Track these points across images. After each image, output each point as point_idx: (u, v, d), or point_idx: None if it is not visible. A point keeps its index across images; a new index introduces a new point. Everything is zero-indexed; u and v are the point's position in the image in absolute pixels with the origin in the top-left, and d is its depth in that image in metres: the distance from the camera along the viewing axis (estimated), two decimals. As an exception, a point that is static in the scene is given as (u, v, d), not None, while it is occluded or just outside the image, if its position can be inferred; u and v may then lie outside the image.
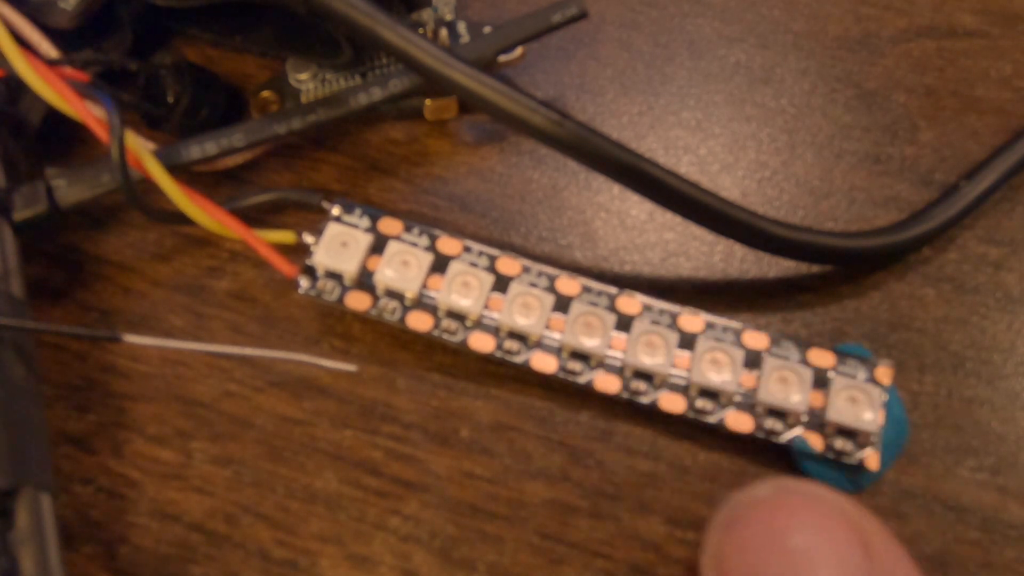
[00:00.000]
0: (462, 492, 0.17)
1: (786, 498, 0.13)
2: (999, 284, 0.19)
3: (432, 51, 0.17)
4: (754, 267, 0.19)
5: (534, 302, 0.17)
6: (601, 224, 0.20)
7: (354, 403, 0.18)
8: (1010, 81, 0.21)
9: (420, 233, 0.18)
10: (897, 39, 0.22)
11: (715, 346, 0.17)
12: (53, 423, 0.17)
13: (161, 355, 0.18)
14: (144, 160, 0.17)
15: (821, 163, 0.21)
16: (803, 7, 0.23)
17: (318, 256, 0.18)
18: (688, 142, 0.21)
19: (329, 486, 0.17)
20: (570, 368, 0.17)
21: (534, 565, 0.16)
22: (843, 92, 0.21)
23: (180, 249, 0.19)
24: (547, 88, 0.21)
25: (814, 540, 0.13)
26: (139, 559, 0.16)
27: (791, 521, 0.13)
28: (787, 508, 0.13)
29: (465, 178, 0.20)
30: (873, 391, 0.16)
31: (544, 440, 0.17)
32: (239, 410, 0.18)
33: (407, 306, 0.18)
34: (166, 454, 0.17)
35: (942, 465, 0.17)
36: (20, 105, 0.19)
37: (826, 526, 0.13)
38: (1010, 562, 0.16)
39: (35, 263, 0.19)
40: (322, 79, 0.20)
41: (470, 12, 0.22)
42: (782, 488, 0.14)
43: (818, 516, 0.13)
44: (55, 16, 0.19)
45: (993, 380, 0.18)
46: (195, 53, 0.22)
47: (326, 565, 0.16)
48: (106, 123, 0.17)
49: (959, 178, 0.20)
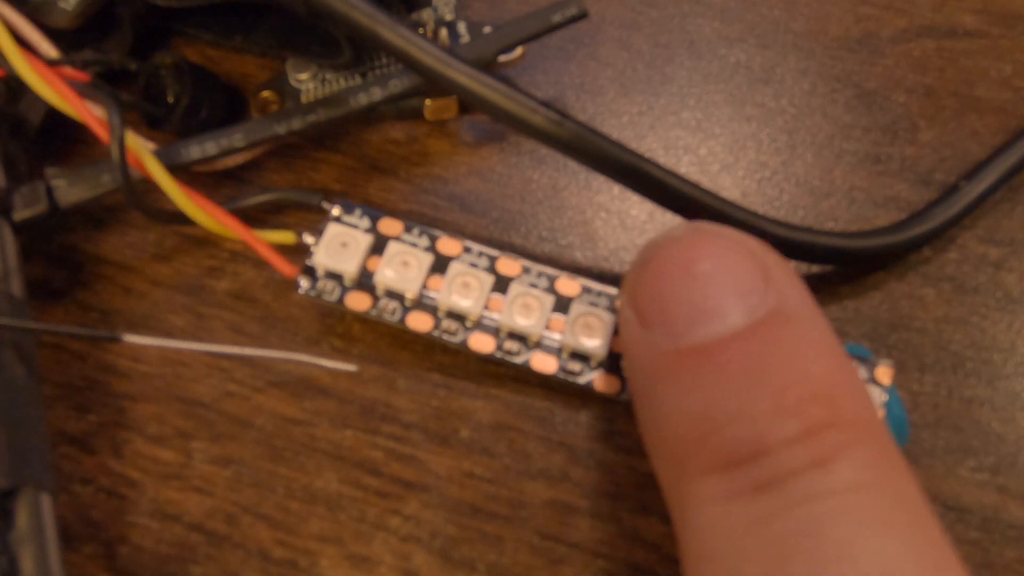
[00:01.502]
0: (462, 492, 0.17)
1: (696, 236, 0.14)
2: (999, 284, 0.19)
3: (432, 51, 0.17)
4: (754, 267, 0.19)
5: (534, 303, 0.17)
6: (601, 224, 0.20)
7: (354, 403, 0.18)
8: (1010, 81, 0.21)
9: (420, 234, 0.18)
10: (897, 39, 0.22)
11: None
12: (53, 423, 0.17)
13: (161, 355, 0.18)
14: (144, 160, 0.17)
15: (821, 163, 0.21)
16: (803, 7, 0.23)
17: (318, 256, 0.18)
18: (688, 142, 0.21)
19: (329, 486, 0.17)
20: (570, 368, 0.17)
21: (534, 565, 0.16)
22: (843, 92, 0.21)
23: (180, 249, 0.19)
24: (547, 88, 0.21)
25: (718, 266, 0.14)
26: (139, 559, 0.16)
27: (698, 253, 0.14)
28: (696, 244, 0.14)
29: (465, 178, 0.20)
30: (873, 391, 0.16)
31: (544, 440, 0.17)
32: (239, 410, 0.18)
33: (407, 307, 0.18)
34: (166, 454, 0.17)
35: (942, 465, 0.17)
36: (20, 105, 0.19)
37: (729, 256, 0.14)
38: (1010, 562, 0.16)
39: (35, 263, 0.19)
40: (322, 79, 0.20)
41: (470, 12, 0.22)
42: (693, 228, 0.15)
43: (723, 248, 0.14)
44: (55, 16, 0.19)
45: (993, 380, 0.18)
46: (195, 53, 0.22)
47: (326, 565, 0.16)
48: (106, 123, 0.17)
49: (959, 178, 0.20)
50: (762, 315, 0.13)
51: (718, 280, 0.14)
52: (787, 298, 0.14)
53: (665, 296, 0.14)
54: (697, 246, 0.14)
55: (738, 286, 0.13)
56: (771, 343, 0.13)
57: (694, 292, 0.14)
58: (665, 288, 0.14)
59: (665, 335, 0.14)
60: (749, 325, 0.13)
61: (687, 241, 0.14)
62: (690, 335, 0.13)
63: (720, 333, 0.13)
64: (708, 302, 0.13)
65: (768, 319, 0.13)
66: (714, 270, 0.14)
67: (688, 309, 0.13)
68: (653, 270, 0.14)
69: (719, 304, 0.13)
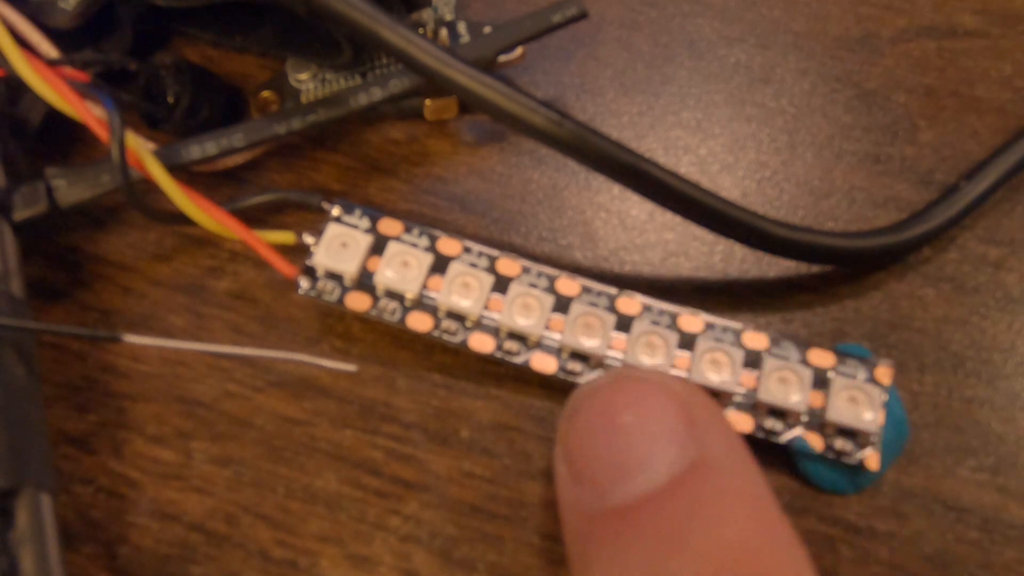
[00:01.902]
0: (462, 492, 0.17)
1: (619, 384, 0.14)
2: (999, 284, 0.19)
3: (432, 51, 0.17)
4: (754, 267, 0.19)
5: (534, 303, 0.17)
6: (601, 224, 0.20)
7: (354, 403, 0.18)
8: (1010, 81, 0.21)
9: (420, 234, 0.18)
10: (897, 39, 0.22)
11: (715, 346, 0.17)
12: (53, 423, 0.17)
13: (161, 355, 0.18)
14: (144, 160, 0.17)
15: (821, 163, 0.21)
16: (803, 7, 0.23)
17: (318, 257, 0.18)
18: (688, 142, 0.21)
19: (329, 486, 0.17)
20: (570, 368, 0.17)
21: (534, 565, 0.16)
22: (843, 92, 0.21)
23: (180, 249, 0.19)
24: (547, 88, 0.21)
25: (640, 416, 0.13)
26: (139, 559, 0.16)
27: (620, 401, 0.14)
28: (620, 392, 0.14)
29: (465, 178, 0.20)
30: (873, 391, 0.16)
31: (544, 440, 0.17)
32: (239, 410, 0.18)
33: (407, 307, 0.18)
34: (166, 454, 0.17)
35: (942, 465, 0.17)
36: (20, 105, 0.19)
37: (652, 404, 0.14)
38: (1010, 562, 0.16)
39: (35, 263, 0.19)
40: (322, 79, 0.20)
41: (470, 12, 0.22)
42: (617, 375, 0.15)
43: (645, 395, 0.14)
44: (55, 16, 0.19)
45: (993, 380, 0.18)
46: (195, 53, 0.22)
47: (326, 565, 0.16)
48: (106, 123, 0.17)
49: (959, 178, 0.20)
50: (682, 468, 0.13)
51: (639, 430, 0.13)
52: (709, 445, 0.13)
53: (589, 452, 0.14)
54: (619, 395, 0.14)
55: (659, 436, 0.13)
56: (690, 501, 0.13)
57: (617, 445, 0.13)
58: (589, 443, 0.14)
59: (592, 494, 0.13)
60: (669, 481, 0.13)
61: (610, 390, 0.14)
62: (614, 494, 0.13)
63: (642, 490, 0.13)
64: (630, 456, 0.13)
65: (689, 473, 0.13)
66: (635, 421, 0.13)
67: (612, 464, 0.13)
68: (580, 423, 0.14)
69: (641, 458, 0.13)
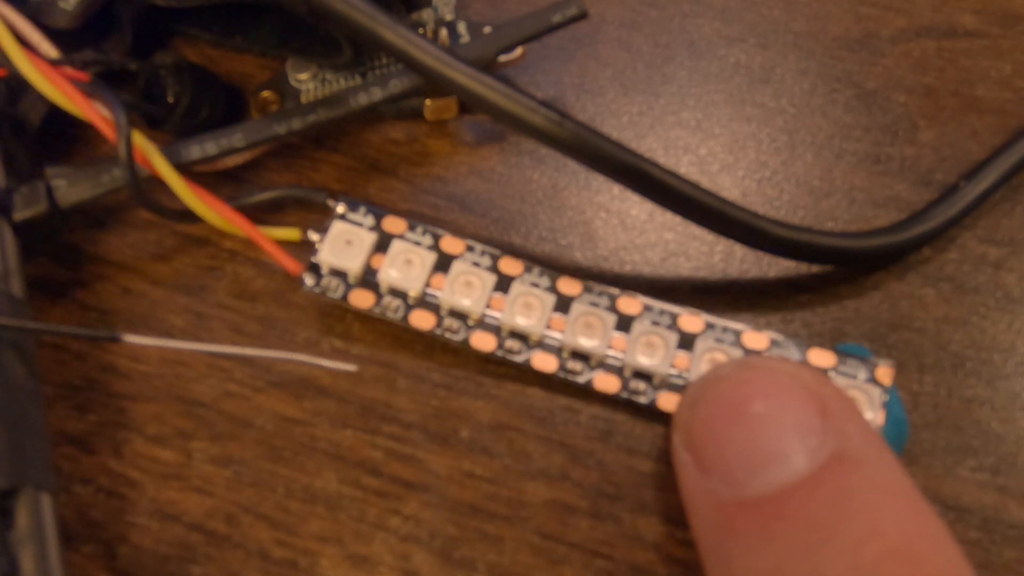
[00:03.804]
0: (462, 492, 0.17)
1: (747, 373, 0.14)
2: (999, 284, 0.19)
3: (432, 51, 0.17)
4: (754, 267, 0.19)
5: (535, 302, 0.17)
6: (601, 224, 0.20)
7: (354, 403, 0.18)
8: (1010, 81, 0.22)
9: (424, 232, 0.18)
10: (897, 39, 0.22)
11: (715, 347, 0.17)
12: (53, 423, 0.17)
13: (161, 355, 0.18)
14: (151, 157, 0.17)
15: (821, 163, 0.21)
16: (803, 7, 0.23)
17: (323, 254, 0.18)
18: (688, 142, 0.21)
19: (329, 486, 0.17)
20: (570, 368, 0.17)
21: (534, 565, 0.16)
22: (843, 92, 0.21)
23: (180, 249, 0.19)
24: (547, 88, 0.21)
25: (772, 406, 0.13)
26: (139, 559, 0.16)
27: (751, 391, 0.14)
28: (747, 381, 0.14)
29: (465, 178, 0.20)
30: (873, 391, 0.16)
31: (544, 440, 0.17)
32: (239, 410, 0.18)
33: (410, 305, 0.18)
34: (166, 454, 0.17)
35: (942, 465, 0.17)
36: (20, 105, 0.19)
37: (783, 393, 0.13)
38: (1010, 562, 0.16)
39: (35, 263, 0.19)
40: (322, 79, 0.20)
41: (470, 12, 0.22)
42: (743, 364, 0.15)
43: (776, 385, 0.14)
44: (55, 16, 0.19)
45: (993, 380, 0.18)
46: (195, 53, 0.22)
47: (326, 565, 0.16)
48: (112, 121, 0.17)
49: (959, 178, 0.20)
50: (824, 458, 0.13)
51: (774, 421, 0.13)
52: (849, 436, 0.13)
53: (721, 441, 0.13)
54: (748, 384, 0.14)
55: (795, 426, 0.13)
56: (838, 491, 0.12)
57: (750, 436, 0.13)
58: (720, 432, 0.13)
59: (726, 484, 0.13)
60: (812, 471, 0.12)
61: (737, 379, 0.14)
62: (752, 484, 0.13)
63: (783, 481, 0.13)
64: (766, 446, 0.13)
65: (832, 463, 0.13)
66: (768, 410, 0.13)
67: (746, 455, 0.13)
68: (705, 412, 0.14)
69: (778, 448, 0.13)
